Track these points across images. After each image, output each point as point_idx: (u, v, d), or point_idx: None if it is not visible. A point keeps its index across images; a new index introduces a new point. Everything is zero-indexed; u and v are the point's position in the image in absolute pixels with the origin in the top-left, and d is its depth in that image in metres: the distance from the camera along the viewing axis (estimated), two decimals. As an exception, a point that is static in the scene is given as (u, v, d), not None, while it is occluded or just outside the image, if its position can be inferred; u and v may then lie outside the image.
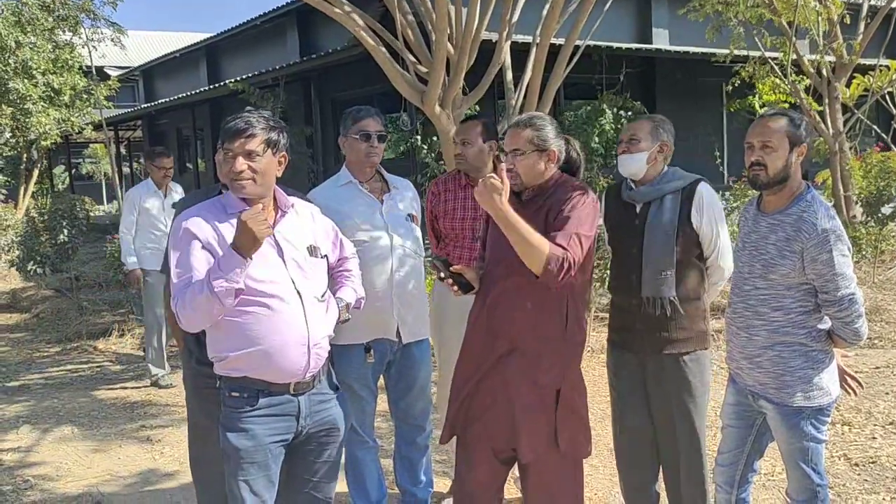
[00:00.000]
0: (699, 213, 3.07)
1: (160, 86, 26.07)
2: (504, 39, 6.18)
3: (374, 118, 3.44)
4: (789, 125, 2.74)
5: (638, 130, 3.14)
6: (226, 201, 2.59)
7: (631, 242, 3.12)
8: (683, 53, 13.92)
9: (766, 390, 2.85)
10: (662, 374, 3.11)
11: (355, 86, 13.28)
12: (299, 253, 2.63)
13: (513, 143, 2.87)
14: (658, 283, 3.05)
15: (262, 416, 2.57)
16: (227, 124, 2.52)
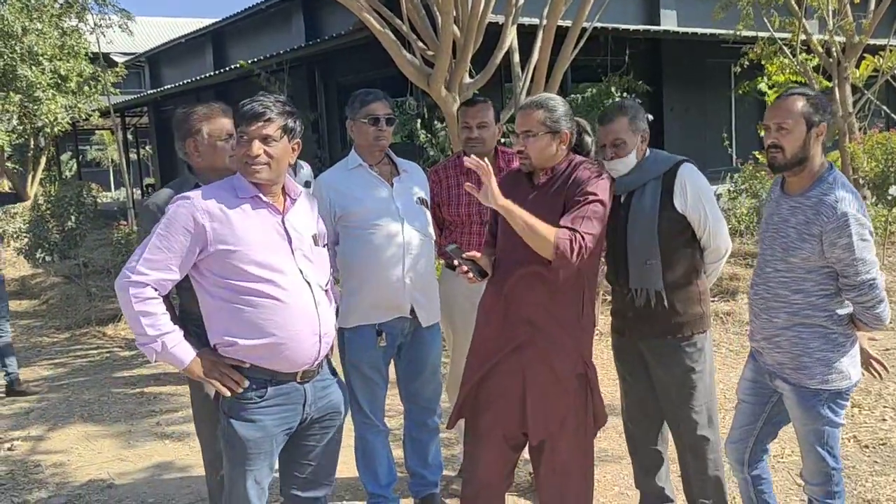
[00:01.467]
0: (682, 195, 3.00)
1: (166, 72, 26.02)
2: (510, 22, 6.13)
3: (381, 101, 3.42)
4: (806, 105, 2.68)
5: (619, 132, 3.01)
6: (237, 184, 2.54)
7: (617, 233, 3.08)
8: (691, 35, 13.81)
9: (783, 370, 2.82)
10: (661, 360, 3.09)
11: (360, 70, 13.22)
12: (306, 242, 2.62)
13: (525, 124, 2.84)
14: (644, 273, 3.01)
15: (271, 407, 2.54)
16: (244, 107, 2.48)
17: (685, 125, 15.49)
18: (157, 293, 2.44)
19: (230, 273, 2.46)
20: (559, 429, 2.82)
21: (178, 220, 2.43)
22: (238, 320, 2.48)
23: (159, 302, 2.44)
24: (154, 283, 2.43)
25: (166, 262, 2.43)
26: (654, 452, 3.28)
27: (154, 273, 2.42)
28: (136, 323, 2.42)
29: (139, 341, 2.45)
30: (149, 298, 2.42)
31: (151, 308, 2.42)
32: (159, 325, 2.43)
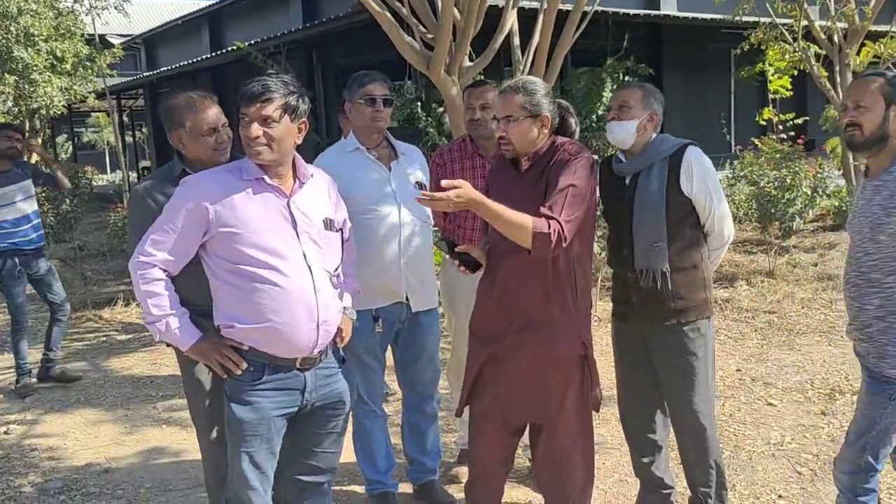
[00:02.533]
0: (689, 179, 2.98)
1: (163, 54, 25.88)
2: (511, 5, 6.08)
3: (379, 83, 3.39)
4: (884, 85, 2.62)
5: (629, 97, 3.03)
6: (243, 166, 2.53)
7: (621, 215, 3.06)
8: (692, 20, 13.74)
9: (867, 360, 2.73)
10: (664, 345, 3.07)
11: (358, 53, 13.13)
12: (314, 226, 2.58)
13: (504, 109, 2.79)
14: (651, 255, 2.99)
15: (268, 390, 2.54)
16: (245, 87, 2.45)
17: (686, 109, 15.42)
18: (164, 274, 2.49)
19: (233, 255, 2.46)
20: (558, 412, 2.81)
21: (182, 202, 2.47)
22: (238, 302, 2.48)
23: (166, 283, 2.50)
24: (161, 264, 2.48)
25: (172, 243, 2.47)
26: (652, 441, 3.27)
27: (161, 253, 2.47)
28: (143, 302, 2.50)
29: (146, 320, 2.53)
30: (155, 279, 2.48)
31: (157, 288, 2.48)
32: (164, 306, 2.49)
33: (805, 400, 4.74)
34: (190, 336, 2.53)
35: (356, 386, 3.44)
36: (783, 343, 5.90)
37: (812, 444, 4.12)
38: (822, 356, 5.53)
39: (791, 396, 4.81)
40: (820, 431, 4.26)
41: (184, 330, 2.52)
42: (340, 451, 2.83)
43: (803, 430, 4.31)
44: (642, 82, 3.13)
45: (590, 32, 6.92)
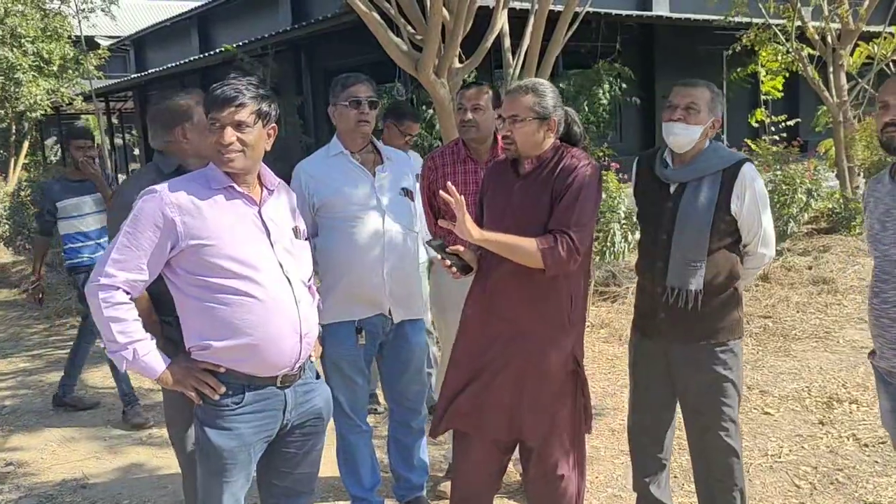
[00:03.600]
0: (740, 199, 2.79)
1: (151, 56, 25.74)
2: (501, 6, 5.96)
3: (364, 84, 3.27)
4: None
5: (699, 98, 2.79)
6: (210, 174, 2.37)
7: (661, 226, 2.86)
8: (684, 20, 13.67)
9: None
10: (691, 367, 2.89)
11: (347, 55, 13.01)
12: (286, 235, 2.45)
13: (512, 108, 2.70)
14: (686, 274, 2.81)
15: (248, 414, 2.37)
16: (215, 91, 2.31)
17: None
18: (128, 296, 2.28)
19: (204, 269, 2.29)
20: (550, 431, 2.70)
21: (145, 216, 2.26)
22: (213, 320, 2.31)
23: (131, 307, 2.28)
24: (124, 286, 2.26)
25: (136, 261, 2.26)
26: (658, 460, 3.13)
27: (123, 274, 2.26)
28: (106, 329, 2.26)
29: (110, 348, 2.29)
30: (119, 303, 2.26)
31: (122, 314, 2.26)
32: (130, 332, 2.27)
33: (803, 409, 4.63)
34: (158, 363, 2.32)
35: (339, 400, 3.32)
36: (779, 349, 5.79)
37: (811, 455, 4.01)
38: (818, 362, 5.43)
39: (788, 405, 4.70)
40: (818, 442, 4.15)
41: (152, 357, 2.31)
42: (317, 472, 2.69)
43: (801, 440, 4.20)
44: (708, 82, 2.90)
45: (581, 33, 6.83)
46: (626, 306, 7.05)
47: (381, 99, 3.37)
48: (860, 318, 6.38)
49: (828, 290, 7.21)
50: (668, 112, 2.84)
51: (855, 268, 7.87)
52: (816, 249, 8.79)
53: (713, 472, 2.97)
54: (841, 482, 3.72)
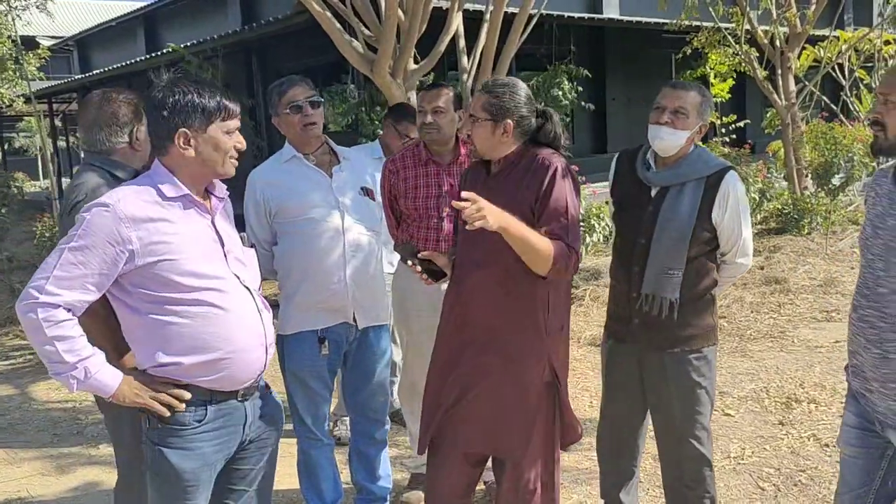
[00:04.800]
0: (722, 208, 2.75)
1: (96, 56, 25.16)
2: (456, 8, 5.92)
3: (300, 86, 3.14)
4: None
5: (687, 102, 2.72)
6: (160, 183, 2.18)
7: (639, 231, 2.80)
8: (636, 23, 13.80)
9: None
10: (665, 373, 2.84)
11: (299, 56, 12.86)
12: (237, 245, 2.34)
13: (471, 108, 2.64)
14: (663, 282, 2.76)
15: (210, 431, 2.24)
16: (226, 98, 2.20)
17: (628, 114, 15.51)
18: (70, 314, 2.09)
19: (163, 285, 2.13)
20: (525, 445, 2.63)
21: (97, 232, 2.07)
22: (178, 337, 2.16)
23: (74, 323, 2.09)
24: (67, 305, 2.07)
25: (83, 280, 2.07)
26: (627, 466, 3.09)
27: (67, 293, 2.06)
28: (49, 350, 2.06)
29: (55, 371, 2.09)
30: (63, 321, 2.06)
31: (67, 331, 2.07)
32: (78, 350, 2.08)
33: (762, 409, 4.65)
34: (113, 379, 2.13)
35: (301, 413, 3.22)
36: (735, 349, 5.83)
37: (773, 456, 4.02)
38: (774, 362, 5.47)
39: (748, 406, 4.72)
40: (780, 443, 4.17)
41: (105, 373, 2.13)
42: (273, 485, 2.57)
43: (763, 441, 4.21)
44: (699, 85, 2.85)
45: (535, 36, 6.83)
46: (583, 309, 7.05)
47: (322, 97, 3.25)
48: (813, 317, 6.48)
49: (780, 290, 7.30)
50: (655, 114, 2.78)
51: (805, 267, 7.99)
52: (767, 249, 8.91)
53: (684, 479, 2.94)
54: (804, 483, 3.73)
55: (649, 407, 2.97)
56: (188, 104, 2.15)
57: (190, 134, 2.16)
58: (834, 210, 9.65)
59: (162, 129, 2.17)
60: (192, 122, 2.16)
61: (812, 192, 10.35)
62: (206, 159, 2.20)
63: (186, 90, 2.16)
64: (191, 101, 2.15)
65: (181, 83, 2.18)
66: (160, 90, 2.17)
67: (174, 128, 2.15)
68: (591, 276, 7.99)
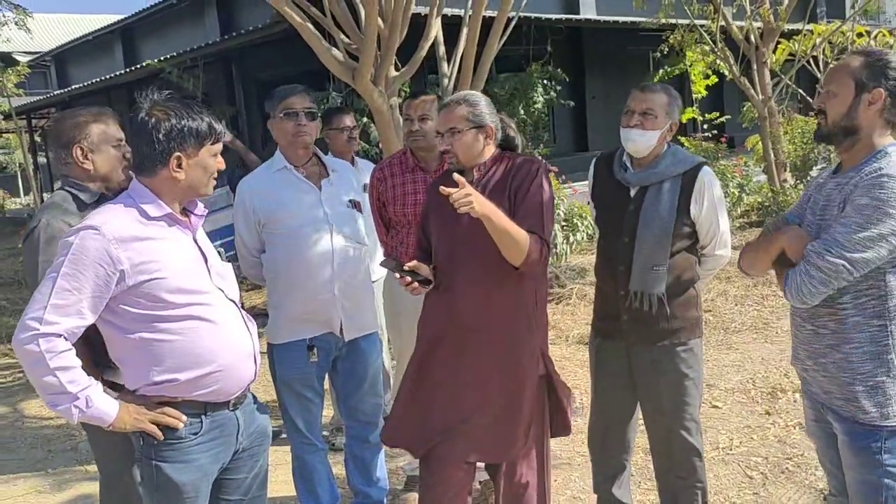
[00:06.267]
0: (699, 202, 2.84)
1: (74, 71, 25.04)
2: (435, 14, 5.97)
3: (299, 95, 3.19)
4: (861, 66, 2.20)
5: (654, 104, 2.83)
6: (142, 201, 2.20)
7: (622, 230, 2.88)
8: (612, 23, 13.91)
9: (831, 400, 2.27)
10: (654, 366, 2.91)
11: (279, 65, 12.87)
12: (217, 259, 2.38)
13: (448, 121, 2.71)
14: (650, 278, 2.83)
15: (206, 443, 2.27)
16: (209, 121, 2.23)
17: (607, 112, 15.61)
18: (69, 343, 2.09)
19: (152, 304, 2.15)
20: (522, 446, 2.70)
21: (87, 256, 2.07)
22: (168, 354, 2.18)
23: (73, 352, 2.10)
24: (66, 333, 2.08)
25: (77, 305, 2.07)
26: (619, 460, 3.15)
27: (65, 320, 2.06)
28: (51, 382, 2.06)
29: (55, 402, 2.09)
30: (64, 351, 2.06)
31: (69, 362, 2.07)
32: (79, 380, 2.09)
33: (749, 400, 4.73)
34: (112, 407, 2.14)
35: (294, 420, 3.26)
36: (721, 342, 5.92)
37: (760, 446, 4.10)
38: (759, 354, 5.56)
39: (735, 397, 4.80)
40: (767, 432, 4.25)
41: (105, 402, 2.13)
42: (267, 492, 2.58)
43: (750, 431, 4.29)
44: (665, 85, 2.95)
45: (512, 38, 6.89)
46: (570, 307, 7.11)
47: (319, 110, 3.30)
48: (796, 308, 6.57)
49: (763, 282, 7.39)
50: (625, 118, 2.87)
51: (787, 259, 8.08)
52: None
53: (675, 470, 3.00)
54: (791, 471, 3.81)
55: (639, 400, 3.03)
56: (184, 129, 2.18)
57: (183, 157, 2.20)
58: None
59: (155, 151, 2.18)
60: (186, 146, 2.19)
61: (791, 184, 10.49)
62: (193, 182, 2.25)
63: (181, 114, 2.19)
64: (187, 126, 2.18)
65: (172, 105, 2.20)
66: (150, 112, 2.19)
67: (169, 151, 2.18)
68: (576, 274, 8.06)
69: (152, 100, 2.22)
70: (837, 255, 2.10)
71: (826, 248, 2.13)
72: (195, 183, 2.25)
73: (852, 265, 2.10)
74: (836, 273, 2.12)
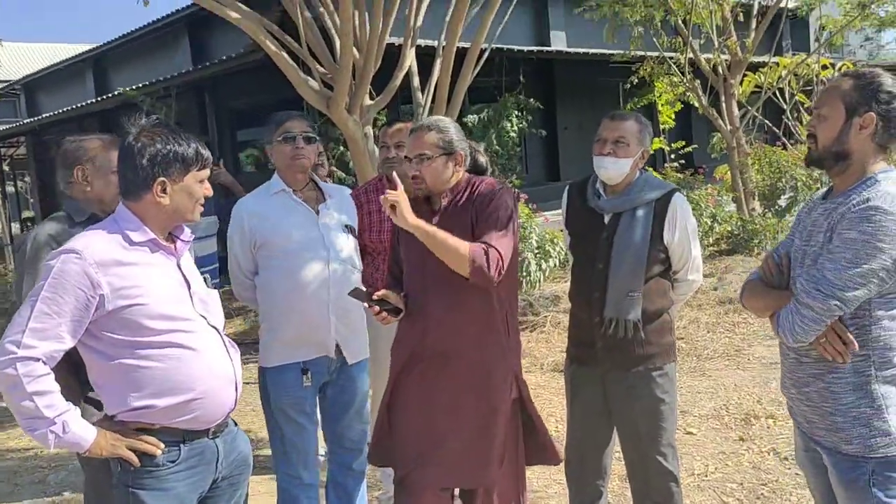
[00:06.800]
0: (672, 229, 2.89)
1: (44, 100, 24.84)
2: (409, 44, 6.03)
3: (297, 119, 3.23)
4: (851, 89, 2.15)
5: (626, 132, 2.89)
6: (126, 227, 2.20)
7: (597, 256, 2.91)
8: (583, 55, 14.12)
9: (813, 430, 2.27)
10: (629, 391, 2.93)
11: (252, 94, 12.90)
12: (201, 286, 2.36)
13: (417, 147, 2.73)
14: (625, 304, 2.86)
15: (184, 471, 2.24)
16: (196, 147, 2.23)
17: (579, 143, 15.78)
18: (47, 367, 2.07)
19: (133, 330, 2.14)
20: (496, 471, 2.69)
21: (67, 279, 2.07)
22: (148, 380, 2.16)
23: (52, 376, 2.08)
24: (45, 357, 2.06)
25: (56, 329, 2.06)
26: (597, 487, 3.15)
27: (44, 344, 2.05)
28: (28, 406, 2.03)
29: (31, 427, 2.06)
30: (42, 376, 2.05)
31: (46, 386, 2.05)
32: (56, 405, 2.07)
33: (723, 426, 4.76)
34: (89, 432, 2.11)
35: (285, 448, 3.18)
36: (694, 369, 5.96)
37: (735, 472, 4.12)
38: (732, 380, 5.60)
39: (709, 424, 4.83)
40: (741, 458, 4.27)
41: (82, 427, 2.10)
42: None
43: (725, 457, 4.31)
44: (636, 113, 3.01)
45: (485, 70, 6.97)
46: (544, 335, 7.14)
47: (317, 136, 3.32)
48: (766, 334, 6.64)
49: (734, 310, 7.49)
50: (598, 146, 2.92)
51: (758, 287, 8.18)
52: (720, 271, 9.13)
53: (652, 496, 3.02)
54: (766, 496, 3.83)
55: (615, 426, 3.04)
56: (169, 153, 2.18)
57: (167, 183, 2.20)
58: (781, 230, 9.93)
59: (139, 176, 2.18)
60: (171, 171, 2.19)
61: (760, 213, 10.65)
62: (178, 207, 2.24)
63: (167, 139, 2.19)
64: (172, 151, 2.18)
65: (158, 131, 2.20)
66: (137, 137, 2.19)
67: (153, 176, 2.18)
68: (550, 302, 8.10)
69: (140, 125, 2.23)
70: (830, 295, 2.07)
71: (816, 287, 2.09)
72: (181, 209, 2.24)
73: (845, 304, 2.08)
74: (829, 312, 2.09)
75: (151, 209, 2.22)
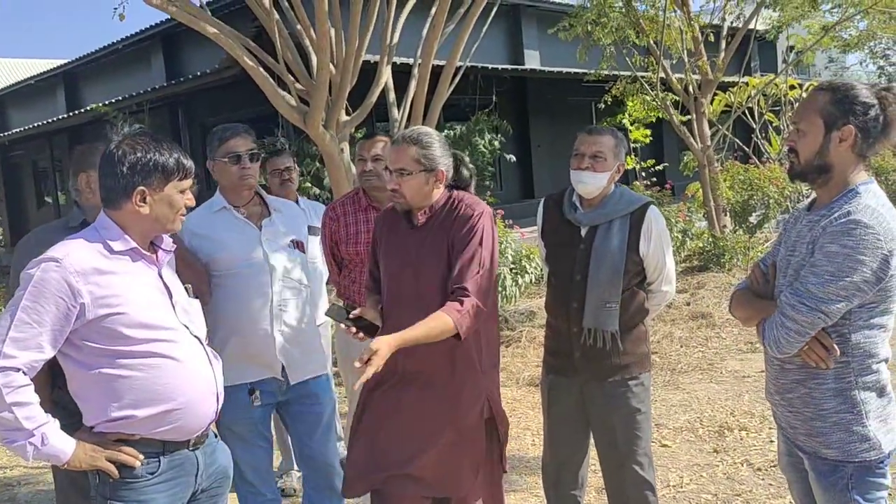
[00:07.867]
0: (647, 240, 2.95)
1: (13, 115, 24.56)
2: (385, 61, 6.08)
3: (242, 136, 3.12)
4: (828, 103, 2.16)
5: (603, 146, 2.94)
6: (106, 235, 2.19)
7: (574, 268, 2.95)
8: (557, 73, 14.27)
9: (796, 435, 2.30)
10: (607, 401, 2.97)
11: (225, 109, 12.87)
12: (183, 295, 2.35)
13: (398, 161, 2.65)
14: (603, 314, 2.90)
15: (163, 483, 2.22)
16: (181, 158, 2.22)
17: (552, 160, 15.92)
18: (27, 378, 2.05)
19: (114, 339, 2.13)
20: (470, 483, 2.69)
21: (48, 288, 2.05)
22: (127, 390, 2.14)
23: (31, 388, 2.06)
24: (25, 367, 2.04)
25: (37, 339, 2.05)
26: (573, 496, 3.17)
27: (24, 354, 2.03)
28: (7, 417, 2.01)
29: (9, 438, 2.04)
30: (21, 386, 2.03)
31: (26, 397, 2.03)
32: (35, 416, 2.04)
33: (697, 439, 4.81)
34: (68, 444, 2.09)
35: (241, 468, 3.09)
36: (668, 382, 6.02)
37: (709, 483, 4.16)
38: (706, 393, 5.66)
39: (683, 436, 4.87)
40: (715, 470, 4.32)
41: (60, 439, 2.08)
42: None
43: (699, 469, 4.35)
44: (612, 128, 3.06)
45: (460, 88, 7.03)
46: (520, 350, 7.16)
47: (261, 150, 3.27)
48: (738, 349, 6.73)
49: (706, 325, 7.57)
50: (575, 160, 2.97)
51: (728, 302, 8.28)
52: (692, 286, 9.23)
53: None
54: (740, 507, 3.87)
55: (593, 435, 3.07)
56: (149, 162, 2.17)
57: (147, 192, 2.19)
58: (752, 247, 10.08)
59: (118, 184, 2.18)
60: (150, 180, 2.18)
61: (731, 229, 10.80)
62: (159, 217, 2.23)
63: (147, 148, 2.18)
64: (152, 160, 2.18)
65: (140, 140, 2.20)
66: (119, 146, 2.19)
67: (132, 185, 2.17)
68: (525, 317, 8.13)
69: (123, 133, 2.23)
70: (814, 308, 2.11)
71: (801, 300, 2.12)
72: (161, 218, 2.24)
73: (828, 316, 2.11)
74: (813, 325, 2.13)
75: (132, 218, 2.21)
